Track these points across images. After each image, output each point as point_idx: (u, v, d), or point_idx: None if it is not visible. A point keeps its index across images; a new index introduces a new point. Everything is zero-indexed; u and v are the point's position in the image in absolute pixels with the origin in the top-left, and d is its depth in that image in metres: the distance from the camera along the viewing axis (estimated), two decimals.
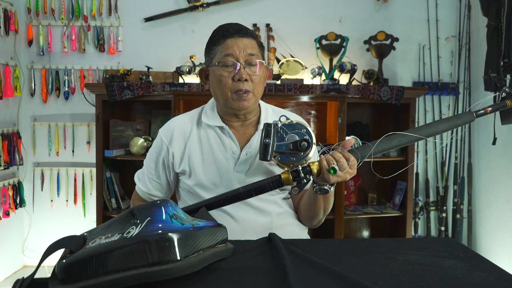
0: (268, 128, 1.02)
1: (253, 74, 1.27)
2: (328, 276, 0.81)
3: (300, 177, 1.07)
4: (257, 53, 1.28)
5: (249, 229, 1.27)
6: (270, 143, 1.02)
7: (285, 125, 1.06)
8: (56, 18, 3.10)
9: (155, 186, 1.41)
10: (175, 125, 1.38)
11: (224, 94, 1.27)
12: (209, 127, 1.34)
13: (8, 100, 2.98)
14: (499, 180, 2.89)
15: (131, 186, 3.08)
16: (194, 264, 0.78)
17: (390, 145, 1.10)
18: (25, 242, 3.19)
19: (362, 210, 2.88)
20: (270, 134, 1.02)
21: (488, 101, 1.17)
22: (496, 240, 2.93)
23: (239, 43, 1.25)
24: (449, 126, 1.14)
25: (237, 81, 1.25)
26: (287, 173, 1.08)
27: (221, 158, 1.31)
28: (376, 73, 2.84)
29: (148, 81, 2.73)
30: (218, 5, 3.08)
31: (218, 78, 1.26)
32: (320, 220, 1.33)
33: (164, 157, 1.37)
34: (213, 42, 1.29)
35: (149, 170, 1.41)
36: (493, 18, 2.62)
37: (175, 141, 1.35)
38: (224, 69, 1.25)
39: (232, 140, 1.32)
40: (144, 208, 0.83)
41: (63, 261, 0.74)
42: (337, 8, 3.14)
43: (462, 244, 1.07)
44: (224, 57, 1.25)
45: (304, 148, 1.03)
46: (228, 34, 1.26)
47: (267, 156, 1.02)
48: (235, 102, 1.26)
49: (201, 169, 1.31)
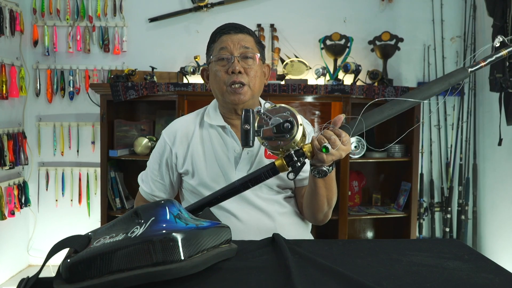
0: (247, 113, 0.99)
1: (248, 67, 1.27)
2: (332, 277, 0.81)
3: (294, 161, 1.04)
4: (252, 47, 1.29)
5: (252, 229, 1.27)
6: (250, 129, 0.99)
7: (268, 110, 1.04)
8: (61, 19, 3.11)
9: (159, 187, 1.41)
10: (178, 126, 1.39)
11: (220, 88, 1.28)
12: (211, 127, 1.35)
13: (13, 100, 3.00)
14: (504, 181, 2.87)
15: (135, 186, 3.09)
16: (198, 264, 0.78)
17: (382, 115, 1.06)
18: (30, 242, 3.21)
19: (366, 211, 2.88)
20: (249, 120, 0.99)
21: (485, 52, 1.06)
22: (501, 241, 2.92)
23: (233, 37, 1.28)
24: (443, 86, 1.09)
25: (231, 74, 1.25)
26: (281, 159, 1.05)
27: (223, 157, 1.31)
28: (380, 73, 2.83)
29: (152, 81, 2.73)
30: (222, 6, 3.08)
31: (214, 73, 1.29)
32: (326, 214, 1.28)
33: (167, 157, 1.38)
34: (211, 40, 1.34)
35: (153, 171, 1.41)
36: (498, 19, 2.60)
37: (178, 142, 1.36)
38: (219, 63, 1.28)
39: (233, 139, 1.32)
40: (148, 208, 0.84)
41: (68, 260, 0.74)
42: (341, 8, 3.14)
43: (467, 245, 1.06)
44: (219, 51, 1.28)
45: (288, 130, 1.00)
46: (224, 31, 1.30)
47: (249, 142, 0.99)
48: (231, 96, 1.27)
49: (204, 168, 1.32)
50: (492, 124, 2.95)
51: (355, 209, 2.90)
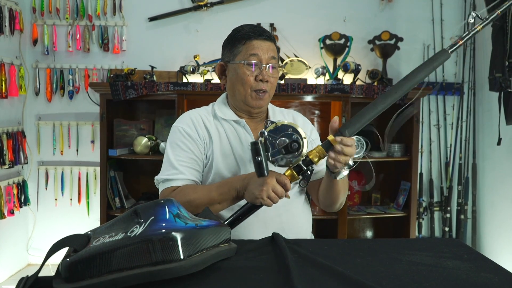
0: (255, 146, 1.06)
1: (272, 76, 1.35)
2: (332, 276, 0.81)
3: (304, 170, 1.11)
4: (277, 57, 1.36)
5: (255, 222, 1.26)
6: (262, 159, 1.06)
7: (271, 131, 1.11)
8: (61, 18, 3.11)
9: (195, 174, 1.35)
10: (191, 115, 1.40)
11: (244, 90, 1.34)
12: (224, 121, 1.40)
13: (13, 99, 2.99)
14: (504, 180, 2.87)
15: (135, 185, 3.11)
16: (197, 263, 0.78)
17: (376, 110, 1.11)
18: (30, 241, 3.21)
19: (366, 210, 2.88)
20: (260, 151, 1.06)
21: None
22: (501, 241, 2.92)
23: (263, 45, 1.33)
24: (427, 71, 1.15)
25: (259, 81, 1.32)
26: (290, 170, 1.12)
27: (238, 150, 1.36)
28: (380, 73, 2.83)
29: (152, 81, 2.73)
30: (222, 5, 3.07)
31: (241, 76, 1.33)
32: (342, 202, 1.37)
33: (196, 139, 1.35)
34: (238, 40, 1.35)
35: (183, 159, 1.33)
36: (498, 18, 2.60)
37: (198, 127, 1.37)
38: (248, 67, 1.32)
39: (247, 132, 1.38)
40: (147, 207, 0.84)
41: (67, 259, 0.74)
42: (341, 8, 3.14)
43: (466, 245, 1.07)
44: (250, 57, 1.32)
45: (296, 149, 1.08)
46: (254, 36, 1.33)
47: (263, 172, 1.07)
48: (253, 100, 1.34)
49: (221, 160, 1.35)
50: (491, 124, 2.96)
51: (355, 209, 2.90)
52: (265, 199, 1.11)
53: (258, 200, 1.12)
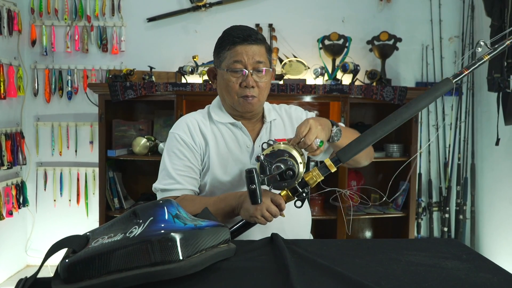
0: (250, 174, 1.06)
1: (260, 80, 1.31)
2: (331, 277, 0.81)
3: (299, 192, 1.13)
4: (264, 60, 1.32)
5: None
6: (256, 188, 1.07)
7: (268, 155, 1.12)
8: (59, 18, 3.10)
9: (192, 182, 1.35)
10: (187, 121, 1.39)
11: (231, 97, 1.32)
12: (221, 124, 1.39)
13: (11, 100, 2.99)
14: (503, 181, 2.88)
15: (133, 186, 3.10)
16: (196, 264, 0.78)
17: (375, 136, 1.12)
18: (28, 242, 3.20)
19: (365, 210, 2.88)
20: (254, 180, 1.06)
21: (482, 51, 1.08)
22: (499, 241, 2.92)
23: (248, 50, 1.29)
24: (429, 100, 1.14)
25: (244, 88, 1.30)
26: (286, 191, 1.14)
27: (236, 152, 1.35)
28: (379, 73, 2.84)
29: (151, 81, 2.73)
30: (220, 5, 3.07)
31: (226, 83, 1.31)
32: (370, 158, 1.44)
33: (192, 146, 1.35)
34: (223, 46, 1.32)
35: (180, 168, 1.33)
36: (496, 19, 2.61)
37: (194, 134, 1.36)
38: (233, 74, 1.30)
39: (245, 134, 1.37)
40: (146, 208, 0.84)
41: (66, 260, 0.74)
42: (340, 8, 3.14)
43: (465, 245, 1.07)
44: (233, 63, 1.29)
45: (290, 176, 1.09)
46: (238, 40, 1.29)
47: (257, 200, 1.08)
48: (241, 106, 1.33)
49: (217, 163, 1.34)
50: (490, 124, 2.96)
51: (354, 209, 2.90)
52: (259, 218, 1.13)
53: (252, 219, 1.14)
